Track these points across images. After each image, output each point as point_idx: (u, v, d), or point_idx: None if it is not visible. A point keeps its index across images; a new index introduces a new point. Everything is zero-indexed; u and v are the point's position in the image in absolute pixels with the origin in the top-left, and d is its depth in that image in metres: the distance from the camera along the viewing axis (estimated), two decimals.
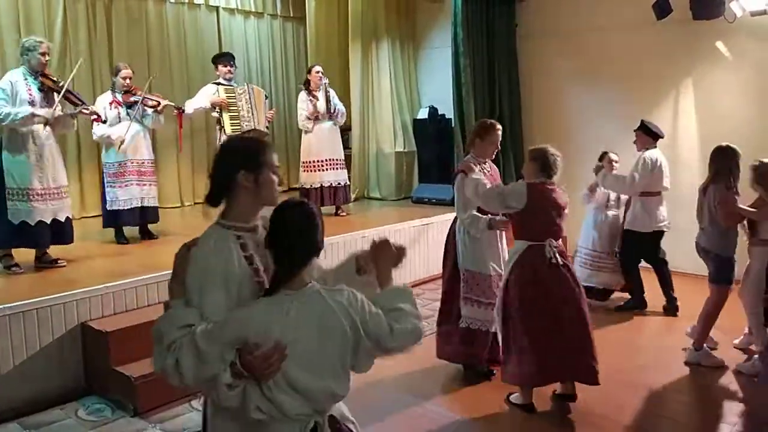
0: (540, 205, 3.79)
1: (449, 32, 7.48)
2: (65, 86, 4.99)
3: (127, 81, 5.83)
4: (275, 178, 2.05)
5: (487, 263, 4.23)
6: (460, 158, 7.54)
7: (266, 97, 6.98)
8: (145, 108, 5.90)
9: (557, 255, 3.79)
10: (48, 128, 4.91)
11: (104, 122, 5.57)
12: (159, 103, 5.94)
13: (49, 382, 4.10)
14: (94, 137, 5.85)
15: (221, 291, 1.90)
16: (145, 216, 5.97)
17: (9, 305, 3.98)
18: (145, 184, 5.91)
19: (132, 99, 5.84)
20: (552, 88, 7.83)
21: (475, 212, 4.17)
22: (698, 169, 6.26)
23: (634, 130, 5.70)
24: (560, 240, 3.93)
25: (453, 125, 7.69)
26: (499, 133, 4.29)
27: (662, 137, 5.67)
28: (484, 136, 4.24)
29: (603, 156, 5.81)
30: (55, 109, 4.91)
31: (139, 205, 5.86)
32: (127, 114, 5.80)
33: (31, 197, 4.80)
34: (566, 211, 3.91)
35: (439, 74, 8.17)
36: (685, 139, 6.84)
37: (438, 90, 8.29)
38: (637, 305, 5.75)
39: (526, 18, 7.93)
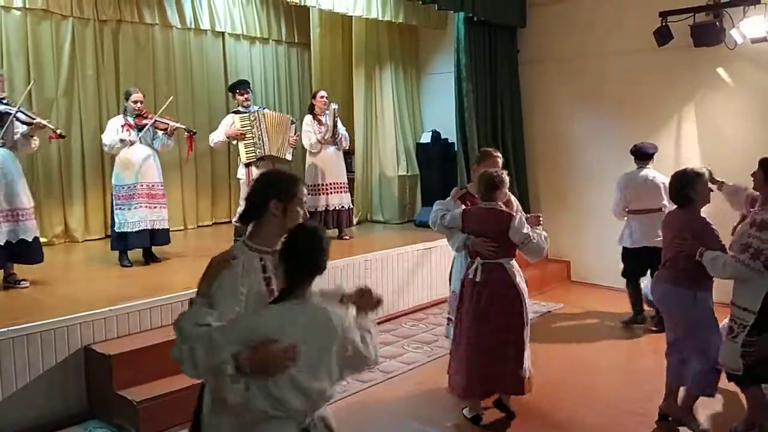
0: (468, 225, 4.11)
1: (452, 58, 7.57)
2: (18, 107, 5.06)
3: (138, 105, 5.91)
4: (301, 211, 2.36)
5: None
6: (462, 182, 7.57)
7: (292, 122, 6.94)
8: (156, 131, 5.98)
9: (478, 273, 3.99)
10: (7, 150, 4.99)
11: (62, 137, 5.49)
12: (169, 126, 6.02)
13: (52, 405, 4.08)
14: (106, 149, 5.96)
15: (240, 308, 2.19)
16: (155, 238, 5.99)
17: (12, 328, 3.98)
18: (155, 207, 5.93)
19: (143, 122, 5.91)
20: (554, 113, 7.89)
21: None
22: None
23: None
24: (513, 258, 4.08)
25: (456, 149, 7.74)
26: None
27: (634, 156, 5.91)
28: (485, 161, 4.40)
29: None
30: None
31: (149, 227, 5.87)
32: (138, 137, 5.88)
33: None
34: (509, 231, 3.98)
35: (441, 99, 8.23)
36: (686, 164, 6.83)
37: (441, 114, 8.35)
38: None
39: (528, 44, 8.02)
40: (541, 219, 4.17)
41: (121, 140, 5.80)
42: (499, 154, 4.52)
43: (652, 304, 5.64)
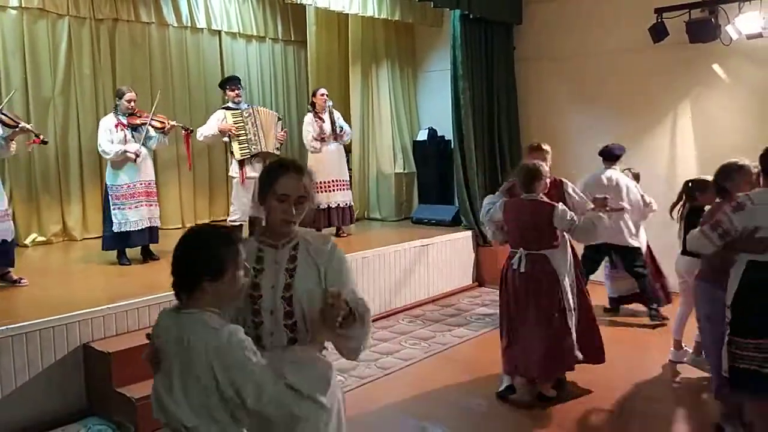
0: (507, 216, 4.24)
1: (448, 55, 7.59)
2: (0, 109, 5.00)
3: (132, 104, 5.88)
4: (279, 205, 2.13)
5: None
6: (459, 179, 7.60)
7: (279, 119, 7.00)
8: (150, 130, 5.95)
9: (522, 264, 4.09)
10: None
11: (45, 143, 5.34)
12: (166, 124, 6.00)
13: (51, 403, 4.09)
14: (107, 156, 5.77)
15: None
16: (151, 236, 6.01)
17: (11, 326, 3.99)
18: (152, 205, 5.96)
19: (138, 121, 5.89)
20: (550, 110, 7.91)
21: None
22: None
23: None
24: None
25: (452, 146, 7.76)
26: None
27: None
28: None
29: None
30: None
31: (148, 225, 5.89)
32: (133, 136, 5.85)
33: None
34: (554, 220, 4.05)
35: (438, 96, 8.24)
36: (682, 160, 6.90)
37: (437, 112, 8.36)
38: None
39: (524, 41, 8.03)
40: (607, 200, 4.19)
41: (125, 151, 5.70)
42: (547, 147, 4.58)
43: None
